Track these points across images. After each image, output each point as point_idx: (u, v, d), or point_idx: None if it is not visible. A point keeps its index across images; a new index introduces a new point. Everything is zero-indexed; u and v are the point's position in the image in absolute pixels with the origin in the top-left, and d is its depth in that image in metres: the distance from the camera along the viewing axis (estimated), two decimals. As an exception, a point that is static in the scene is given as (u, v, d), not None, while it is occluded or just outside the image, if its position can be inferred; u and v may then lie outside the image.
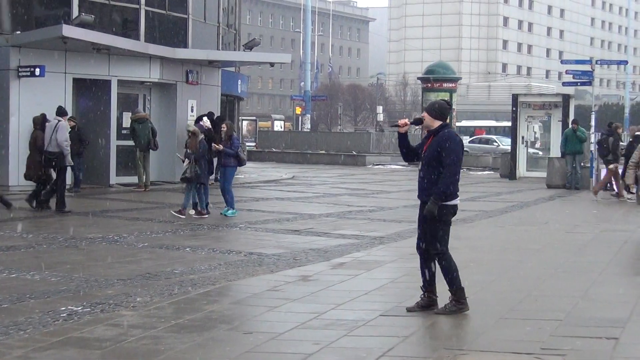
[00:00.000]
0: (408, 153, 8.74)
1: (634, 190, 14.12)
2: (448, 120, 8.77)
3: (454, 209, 8.60)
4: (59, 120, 17.77)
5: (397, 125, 8.54)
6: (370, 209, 19.42)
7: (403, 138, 8.64)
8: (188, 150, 17.17)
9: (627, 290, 10.18)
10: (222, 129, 17.84)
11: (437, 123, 8.47)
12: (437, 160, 8.37)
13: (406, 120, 8.62)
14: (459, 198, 8.61)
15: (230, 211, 17.50)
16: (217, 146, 17.46)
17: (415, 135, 53.37)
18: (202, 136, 17.44)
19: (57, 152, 17.39)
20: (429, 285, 8.64)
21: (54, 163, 17.55)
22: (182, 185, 18.37)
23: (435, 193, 8.40)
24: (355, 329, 7.95)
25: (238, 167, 18.43)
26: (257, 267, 11.34)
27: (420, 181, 8.59)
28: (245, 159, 18.11)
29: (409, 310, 8.54)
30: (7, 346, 7.19)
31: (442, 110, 8.52)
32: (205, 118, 17.99)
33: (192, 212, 17.54)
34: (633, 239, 14.18)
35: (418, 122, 8.63)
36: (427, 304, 8.58)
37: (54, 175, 17.77)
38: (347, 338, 7.62)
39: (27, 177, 18.35)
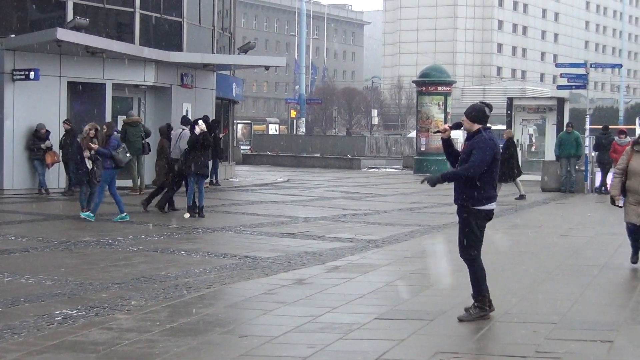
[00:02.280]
0: (455, 159, 8.62)
1: (620, 204, 11.67)
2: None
3: (487, 214, 8.46)
4: (183, 129, 18.56)
5: (439, 132, 8.50)
6: (365, 212, 19.42)
7: (447, 144, 8.60)
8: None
9: (622, 293, 10.21)
10: (102, 129, 17.84)
11: (475, 127, 8.41)
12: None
13: (446, 126, 8.57)
14: (493, 203, 8.49)
15: (118, 216, 17.02)
16: (92, 145, 17.24)
17: (411, 139, 53.35)
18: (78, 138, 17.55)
19: (179, 158, 18.13)
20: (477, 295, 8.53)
21: (175, 168, 18.23)
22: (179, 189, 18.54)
23: (444, 173, 8.49)
24: (350, 332, 7.95)
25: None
26: (252, 270, 11.33)
27: (455, 185, 8.49)
28: (121, 159, 17.14)
29: (460, 320, 8.36)
30: (2, 350, 7.18)
31: (478, 113, 8.44)
32: (200, 121, 17.98)
33: (187, 215, 17.54)
34: (628, 242, 14.20)
35: (457, 126, 8.59)
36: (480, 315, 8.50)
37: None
38: (342, 341, 7.63)
39: (154, 182, 19.59)
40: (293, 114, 70.26)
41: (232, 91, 32.48)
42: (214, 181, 26.92)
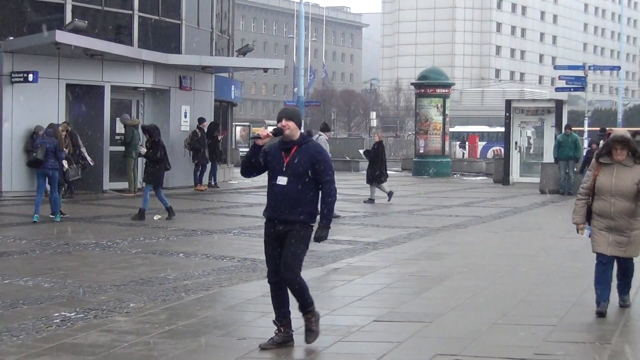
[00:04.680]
0: (253, 166, 7.60)
1: (585, 234, 9.10)
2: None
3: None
4: (319, 135, 19.06)
5: (258, 137, 7.40)
6: (364, 215, 19.42)
7: (257, 151, 7.47)
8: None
9: (620, 295, 10.19)
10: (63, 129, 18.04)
11: (298, 132, 7.47)
12: (309, 175, 7.39)
13: (269, 132, 7.43)
14: None
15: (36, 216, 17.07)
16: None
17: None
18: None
19: None
20: (284, 319, 7.56)
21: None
22: (175, 191, 18.53)
23: (324, 217, 7.45)
24: (348, 334, 7.95)
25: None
26: (250, 272, 11.33)
27: (284, 199, 7.42)
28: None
29: (262, 348, 7.41)
30: (0, 352, 7.18)
31: (300, 118, 7.59)
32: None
33: (158, 217, 17.58)
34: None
35: (279, 132, 7.44)
36: (285, 340, 7.51)
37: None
38: (340, 344, 7.63)
39: None
40: (292, 116, 69.98)
41: (230, 93, 32.46)
42: (213, 183, 26.95)
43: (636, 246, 8.89)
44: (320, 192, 7.48)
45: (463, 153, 58.29)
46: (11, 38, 22.90)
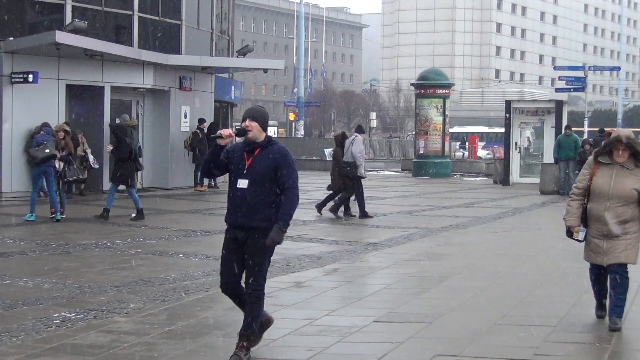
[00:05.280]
0: (216, 167, 7.28)
1: (580, 237, 8.54)
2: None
3: None
4: (356, 136, 19.14)
5: (219, 137, 7.07)
6: (364, 215, 19.41)
7: (218, 152, 7.18)
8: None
9: (620, 296, 10.18)
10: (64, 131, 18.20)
11: (263, 135, 7.13)
12: (271, 179, 7.03)
13: (231, 131, 7.12)
14: None
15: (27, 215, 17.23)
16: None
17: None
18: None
19: (351, 162, 18.65)
20: (260, 330, 7.38)
21: (347, 172, 18.70)
22: (175, 191, 18.54)
23: (282, 219, 6.99)
24: (348, 335, 7.96)
25: None
26: (250, 273, 11.32)
27: (243, 203, 7.06)
28: (36, 155, 17.12)
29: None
30: (0, 353, 7.18)
31: (267, 120, 7.23)
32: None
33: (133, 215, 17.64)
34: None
35: (242, 133, 7.08)
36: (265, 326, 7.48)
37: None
38: (340, 344, 7.63)
39: (328, 187, 19.99)
40: (291, 116, 70.27)
41: (230, 94, 32.47)
42: (213, 184, 26.94)
43: (631, 251, 8.26)
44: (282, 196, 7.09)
45: (463, 154, 58.34)
46: (11, 38, 22.90)
